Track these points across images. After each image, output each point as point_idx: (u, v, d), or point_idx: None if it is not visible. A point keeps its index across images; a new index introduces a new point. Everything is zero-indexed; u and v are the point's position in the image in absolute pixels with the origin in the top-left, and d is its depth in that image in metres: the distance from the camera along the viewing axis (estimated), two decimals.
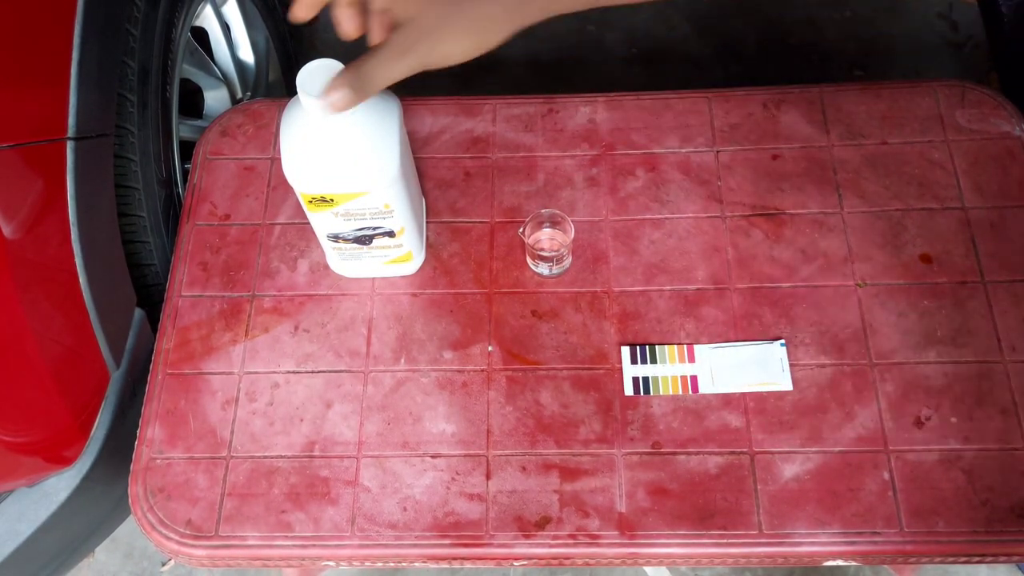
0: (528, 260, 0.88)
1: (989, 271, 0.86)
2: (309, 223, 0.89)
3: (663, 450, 0.80)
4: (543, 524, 0.77)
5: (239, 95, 1.32)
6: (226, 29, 1.27)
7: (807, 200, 0.91)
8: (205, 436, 0.82)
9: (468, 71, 1.71)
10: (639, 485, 0.78)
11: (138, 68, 0.95)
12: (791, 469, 0.78)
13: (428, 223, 0.92)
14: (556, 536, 0.77)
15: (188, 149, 1.05)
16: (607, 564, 0.78)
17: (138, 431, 0.83)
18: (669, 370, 0.83)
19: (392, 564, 0.79)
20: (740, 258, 0.88)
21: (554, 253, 0.85)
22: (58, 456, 0.84)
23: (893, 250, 0.88)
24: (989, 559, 0.76)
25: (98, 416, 0.87)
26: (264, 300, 0.88)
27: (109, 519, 0.99)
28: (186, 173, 1.07)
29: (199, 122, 1.21)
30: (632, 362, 0.84)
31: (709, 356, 0.83)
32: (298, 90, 0.64)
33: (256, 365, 0.85)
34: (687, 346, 0.84)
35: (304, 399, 0.83)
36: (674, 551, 0.76)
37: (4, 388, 0.76)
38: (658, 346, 0.84)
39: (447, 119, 0.98)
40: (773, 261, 0.88)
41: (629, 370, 0.83)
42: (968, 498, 0.77)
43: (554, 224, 0.86)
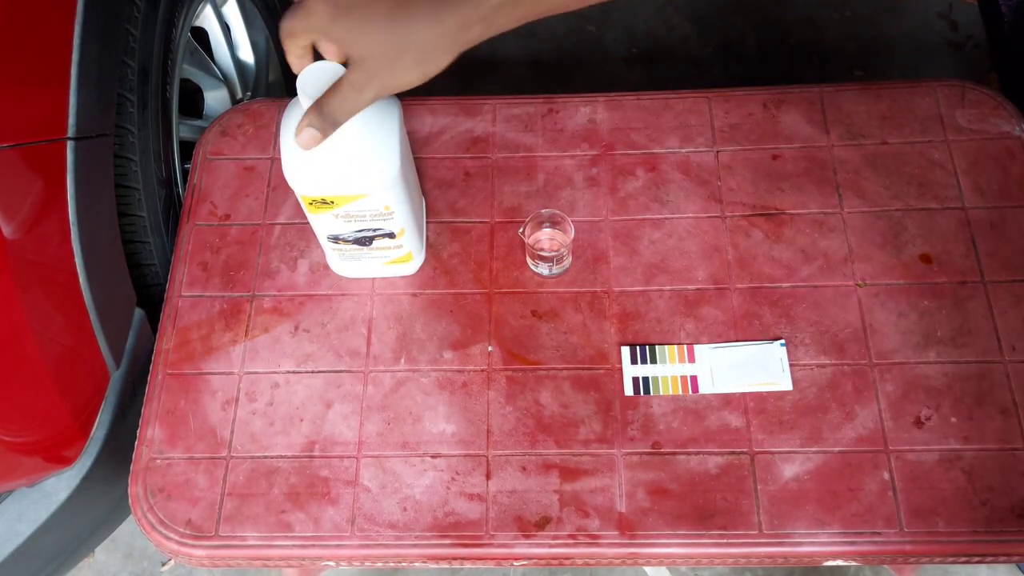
0: (528, 260, 0.88)
1: (989, 271, 0.86)
2: (309, 223, 0.89)
3: (663, 450, 0.80)
4: (543, 524, 0.77)
5: (239, 95, 1.31)
6: (226, 29, 1.27)
7: (807, 200, 0.91)
8: (205, 436, 0.82)
9: (468, 71, 1.70)
10: (639, 485, 0.78)
11: (138, 68, 0.95)
12: (791, 469, 0.78)
13: (428, 223, 0.92)
14: (556, 536, 0.77)
15: (188, 149, 1.05)
16: (607, 564, 0.78)
17: (138, 431, 0.83)
18: (669, 370, 0.83)
19: (392, 564, 0.79)
20: (740, 258, 0.88)
21: (554, 253, 0.85)
22: (58, 456, 0.84)
23: (893, 250, 0.88)
24: (989, 559, 0.76)
25: (98, 416, 0.87)
26: (264, 300, 0.88)
27: (109, 519, 0.99)
28: (186, 173, 1.07)
29: (199, 122, 1.21)
30: (632, 362, 0.84)
31: (709, 356, 0.83)
32: (298, 93, 0.64)
33: (256, 365, 0.85)
34: (687, 346, 0.84)
35: (304, 399, 0.83)
36: (674, 551, 0.76)
37: (4, 388, 0.76)
38: (658, 346, 0.84)
39: (447, 119, 0.98)
40: (773, 261, 0.88)
41: (629, 370, 0.83)
42: (968, 498, 0.77)
43: (554, 224, 0.86)
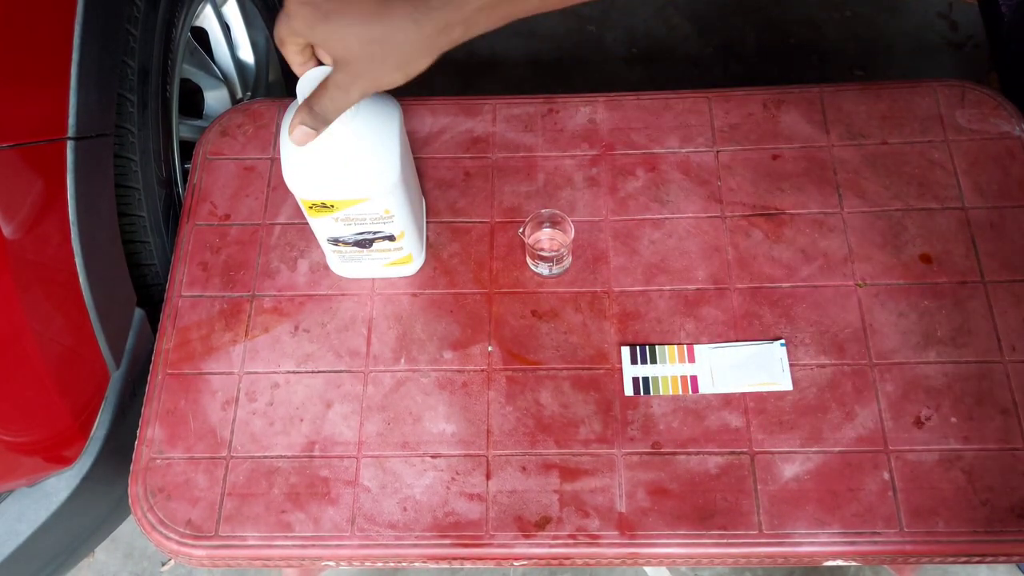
0: (528, 260, 0.88)
1: (989, 271, 0.86)
2: (309, 224, 0.89)
3: (663, 450, 0.80)
4: (543, 524, 0.77)
5: (239, 95, 1.31)
6: (226, 29, 1.27)
7: (807, 200, 0.91)
8: (205, 436, 0.82)
9: (468, 71, 1.71)
10: (639, 485, 0.78)
11: (138, 68, 0.95)
12: (791, 469, 0.78)
13: (428, 223, 0.92)
14: (556, 536, 0.77)
15: (188, 149, 1.05)
16: (607, 564, 0.78)
17: (138, 431, 0.83)
18: (669, 370, 0.83)
19: (392, 564, 0.79)
20: (740, 258, 0.88)
21: (554, 253, 0.85)
22: (58, 456, 0.84)
23: (893, 250, 0.88)
24: (989, 559, 0.76)
25: (98, 416, 0.87)
26: (264, 300, 0.88)
27: (109, 519, 0.99)
28: (186, 173, 1.07)
29: (199, 122, 1.21)
30: (632, 362, 0.84)
31: (709, 356, 0.83)
32: (298, 98, 0.64)
33: (256, 365, 0.85)
34: (687, 346, 0.84)
35: (304, 399, 0.83)
36: (674, 551, 0.76)
37: (4, 388, 0.76)
38: (658, 346, 0.84)
39: (447, 119, 0.98)
40: (773, 261, 0.88)
41: (629, 370, 0.83)
42: (968, 498, 0.77)
43: (554, 224, 0.86)
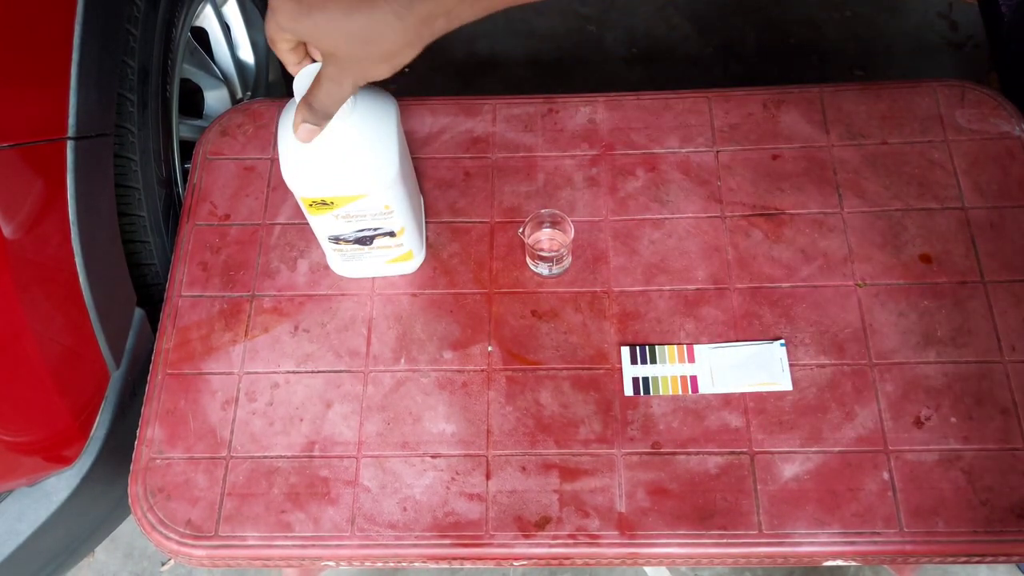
0: (528, 260, 0.88)
1: (989, 271, 0.86)
2: (309, 224, 0.89)
3: (663, 450, 0.80)
4: (543, 524, 0.77)
5: (239, 95, 1.32)
6: (226, 29, 1.27)
7: (807, 200, 0.91)
8: (205, 436, 0.82)
9: (468, 71, 1.71)
10: (639, 485, 0.78)
11: (138, 68, 0.95)
12: (791, 469, 0.78)
13: (428, 223, 0.92)
14: (556, 536, 0.77)
15: (188, 149, 1.05)
16: (607, 564, 0.78)
17: (138, 431, 0.83)
18: (669, 370, 0.83)
19: (392, 564, 0.79)
20: (740, 258, 0.88)
21: (554, 253, 0.85)
22: (58, 456, 0.84)
23: (893, 250, 0.88)
24: (989, 559, 0.76)
25: (98, 416, 0.87)
26: (264, 300, 0.88)
27: (109, 519, 0.99)
28: (186, 173, 1.07)
29: (199, 122, 1.21)
30: (632, 362, 0.84)
31: (709, 356, 0.83)
32: (295, 96, 0.64)
33: (256, 365, 0.85)
34: (687, 346, 0.84)
35: (304, 399, 0.83)
36: (674, 551, 0.76)
37: (4, 388, 0.76)
38: (658, 346, 0.84)
39: (447, 119, 0.98)
40: (773, 261, 0.88)
41: (629, 370, 0.83)
42: (968, 498, 0.77)
43: (554, 224, 0.86)
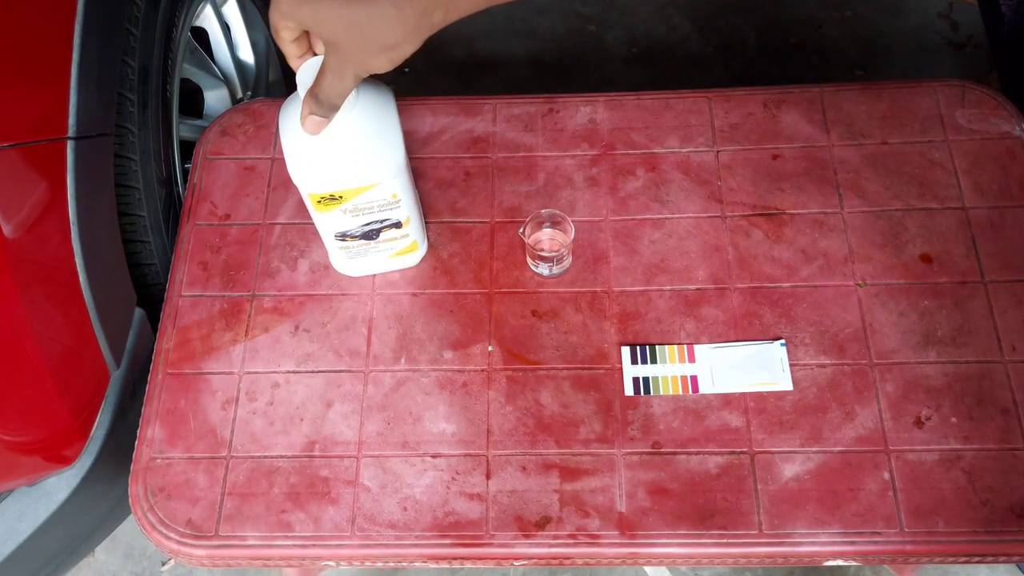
0: (528, 260, 0.88)
1: (989, 271, 0.86)
2: (310, 223, 0.89)
3: (663, 450, 0.80)
4: (543, 524, 0.77)
5: (239, 95, 1.31)
6: (226, 29, 1.27)
7: (807, 200, 0.91)
8: (205, 436, 0.82)
9: (468, 71, 1.71)
10: (639, 485, 0.78)
11: (138, 68, 0.95)
12: (791, 469, 0.78)
13: (428, 223, 0.92)
14: (556, 536, 0.77)
15: (188, 149, 1.05)
16: (607, 564, 0.78)
17: (138, 431, 0.83)
18: (669, 370, 0.83)
19: (392, 564, 0.79)
20: (740, 258, 0.88)
21: (554, 253, 0.85)
22: (58, 456, 0.84)
23: (893, 250, 0.88)
24: (989, 559, 0.76)
25: (98, 416, 0.87)
26: (264, 300, 0.88)
27: (109, 519, 0.99)
28: (186, 173, 1.07)
29: (199, 122, 1.21)
30: (632, 362, 0.84)
31: (709, 356, 0.83)
32: (298, 88, 0.64)
33: (256, 365, 0.85)
34: (687, 346, 0.84)
35: (304, 399, 0.83)
36: (674, 551, 0.76)
37: (4, 388, 0.76)
38: (658, 346, 0.84)
39: (447, 119, 0.98)
40: (773, 261, 0.88)
41: (629, 370, 0.83)
42: (968, 498, 0.77)
43: (554, 224, 0.86)
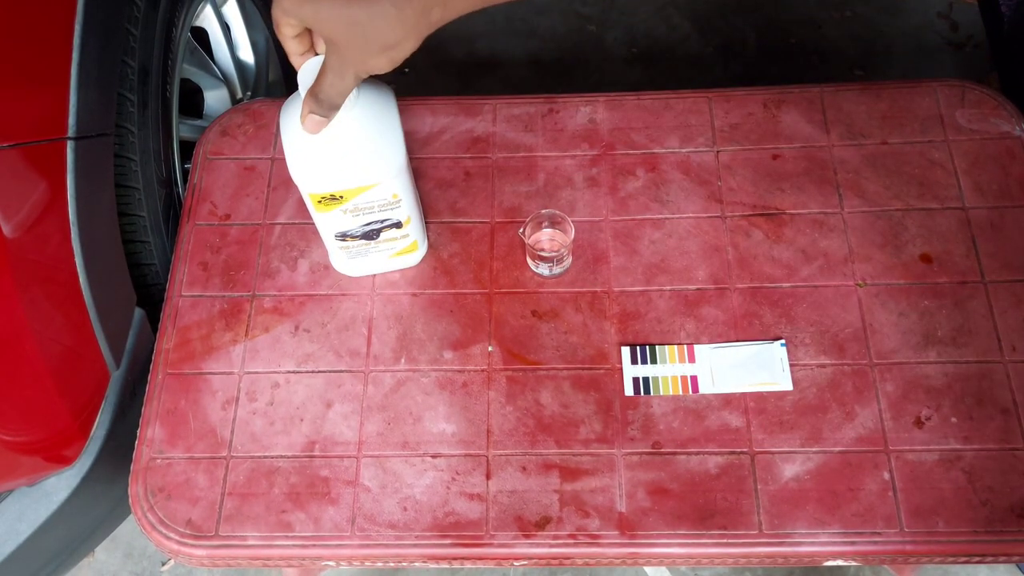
0: (528, 260, 0.88)
1: (989, 271, 0.86)
2: (310, 223, 0.89)
3: (663, 450, 0.80)
4: (543, 524, 0.77)
5: (239, 95, 1.31)
6: (226, 29, 1.27)
7: (807, 200, 0.91)
8: (205, 436, 0.82)
9: (468, 71, 1.71)
10: (639, 485, 0.78)
11: (138, 68, 0.95)
12: (791, 469, 0.78)
13: (428, 223, 0.92)
14: (556, 536, 0.77)
15: (188, 149, 1.05)
16: (607, 564, 0.78)
17: (138, 431, 0.83)
18: (669, 370, 0.83)
19: (392, 564, 0.79)
20: (740, 258, 0.88)
21: (554, 253, 0.85)
22: (58, 456, 0.84)
23: (893, 250, 0.88)
24: (989, 559, 0.76)
25: (98, 416, 0.87)
26: (264, 300, 0.88)
27: (109, 519, 0.99)
28: (186, 173, 1.07)
29: (199, 122, 1.21)
30: (632, 362, 0.84)
31: (709, 356, 0.83)
32: (300, 87, 0.64)
33: (256, 365, 0.85)
34: (687, 346, 0.84)
35: (304, 399, 0.83)
36: (674, 551, 0.76)
37: (4, 388, 0.76)
38: (658, 346, 0.84)
39: (447, 119, 0.98)
40: (773, 261, 0.88)
41: (629, 370, 0.83)
42: (968, 498, 0.77)
43: (554, 224, 0.86)
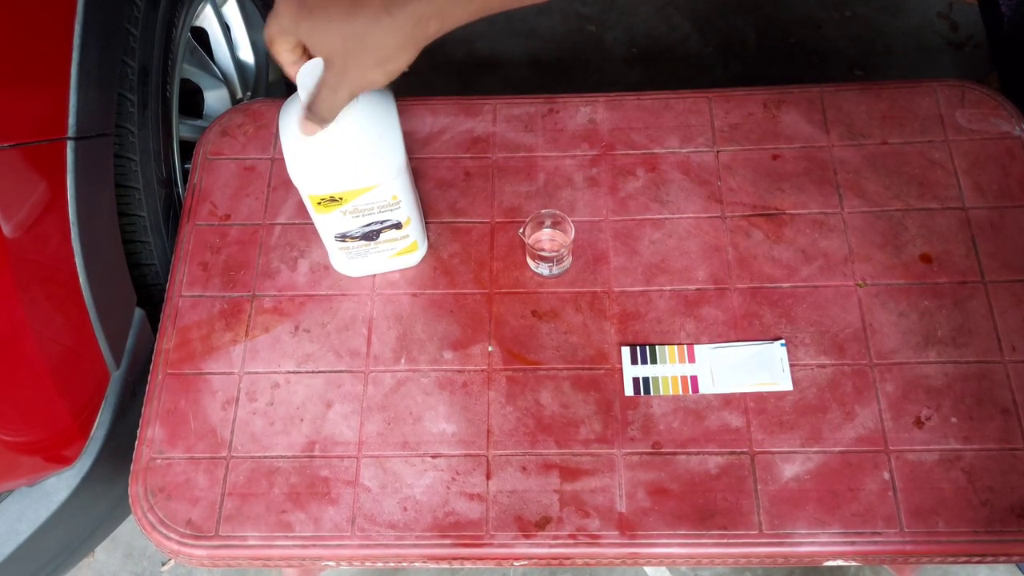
0: (528, 260, 0.88)
1: (989, 271, 0.86)
2: (310, 223, 0.89)
3: (663, 450, 0.80)
4: (543, 524, 0.77)
5: (239, 95, 1.31)
6: (226, 29, 1.27)
7: (807, 200, 0.91)
8: (205, 436, 0.82)
9: (468, 71, 1.71)
10: (639, 485, 0.78)
11: (138, 68, 0.95)
12: (791, 469, 0.78)
13: (428, 223, 0.92)
14: (556, 536, 0.77)
15: (188, 149, 1.05)
16: (607, 564, 0.78)
17: (138, 431, 0.83)
18: (669, 370, 0.83)
19: (392, 564, 0.79)
20: (740, 258, 0.88)
21: (554, 253, 0.85)
22: (58, 456, 0.84)
23: (893, 250, 0.88)
24: (989, 559, 0.76)
25: (98, 416, 0.87)
26: (264, 300, 0.88)
27: (109, 519, 0.99)
28: (186, 173, 1.07)
29: (199, 122, 1.21)
30: (632, 362, 0.84)
31: (709, 356, 0.83)
32: (299, 89, 0.64)
33: (256, 365, 0.85)
34: (687, 346, 0.84)
35: (304, 399, 0.83)
36: (674, 551, 0.76)
37: (4, 388, 0.76)
38: (658, 346, 0.84)
39: (447, 119, 0.98)
40: (773, 261, 0.88)
41: (629, 370, 0.83)
42: (968, 498, 0.77)
43: (554, 224, 0.86)
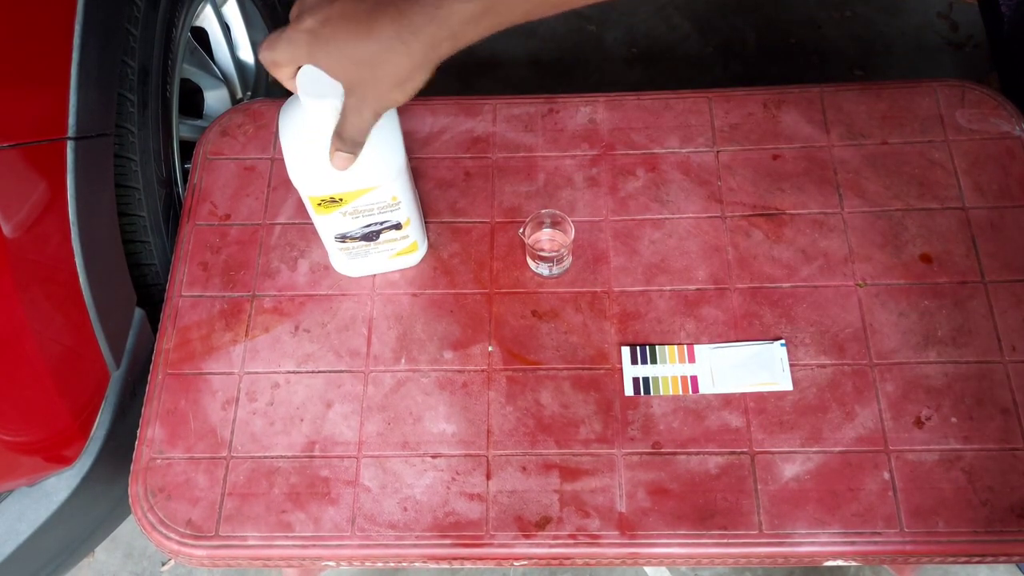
0: (528, 260, 0.88)
1: (989, 271, 0.86)
2: (310, 223, 0.89)
3: (663, 450, 0.80)
4: (543, 524, 0.77)
5: (239, 95, 1.31)
6: (226, 29, 1.27)
7: (807, 200, 0.91)
8: (205, 436, 0.82)
9: (468, 71, 1.71)
10: (639, 485, 0.78)
11: (138, 68, 0.95)
12: (791, 469, 0.78)
13: (428, 223, 0.92)
14: (556, 536, 0.77)
15: (188, 149, 1.05)
16: (607, 564, 0.78)
17: (138, 431, 0.83)
18: (669, 370, 0.83)
19: (392, 564, 0.79)
20: (740, 258, 0.88)
21: (554, 253, 0.85)
22: (58, 456, 0.84)
23: (893, 250, 0.88)
24: (989, 559, 0.76)
25: (98, 416, 0.87)
26: (264, 300, 0.88)
27: (109, 519, 0.99)
28: (186, 173, 1.07)
29: (199, 122, 1.21)
30: (632, 362, 0.84)
31: (709, 356, 0.83)
32: (299, 93, 0.63)
33: (256, 365, 0.85)
34: (687, 346, 0.84)
35: (304, 399, 0.83)
36: (674, 551, 0.76)
37: (4, 388, 0.76)
38: (658, 346, 0.84)
39: (447, 119, 0.98)
40: (773, 261, 0.88)
41: (629, 370, 0.83)
42: (968, 498, 0.77)
43: (554, 224, 0.86)
